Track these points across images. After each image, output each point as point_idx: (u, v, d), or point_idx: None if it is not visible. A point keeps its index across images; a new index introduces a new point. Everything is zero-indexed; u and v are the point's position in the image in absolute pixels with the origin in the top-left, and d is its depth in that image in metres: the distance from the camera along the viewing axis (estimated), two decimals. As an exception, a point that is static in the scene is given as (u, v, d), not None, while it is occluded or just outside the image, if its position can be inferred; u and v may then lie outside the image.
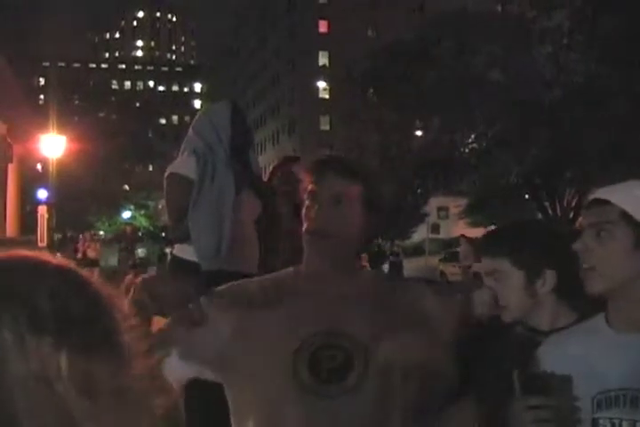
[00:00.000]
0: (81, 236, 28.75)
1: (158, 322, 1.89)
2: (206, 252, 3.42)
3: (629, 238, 1.60)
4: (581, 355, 1.65)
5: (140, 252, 34.29)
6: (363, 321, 1.79)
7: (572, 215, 28.11)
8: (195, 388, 3.10)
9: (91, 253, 23.86)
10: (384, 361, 1.72)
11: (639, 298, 1.62)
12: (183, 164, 3.56)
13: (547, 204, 28.06)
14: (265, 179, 4.23)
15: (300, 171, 4.20)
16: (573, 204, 28.24)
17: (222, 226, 3.51)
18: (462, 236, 25.09)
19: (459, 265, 23.66)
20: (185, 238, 3.36)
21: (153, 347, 1.75)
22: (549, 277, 1.95)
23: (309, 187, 1.88)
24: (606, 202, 1.63)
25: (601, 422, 1.60)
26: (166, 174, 3.58)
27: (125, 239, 44.24)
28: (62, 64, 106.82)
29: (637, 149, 21.41)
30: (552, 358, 1.70)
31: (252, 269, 3.50)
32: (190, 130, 3.78)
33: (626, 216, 1.60)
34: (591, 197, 1.69)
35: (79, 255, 24.46)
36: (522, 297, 1.96)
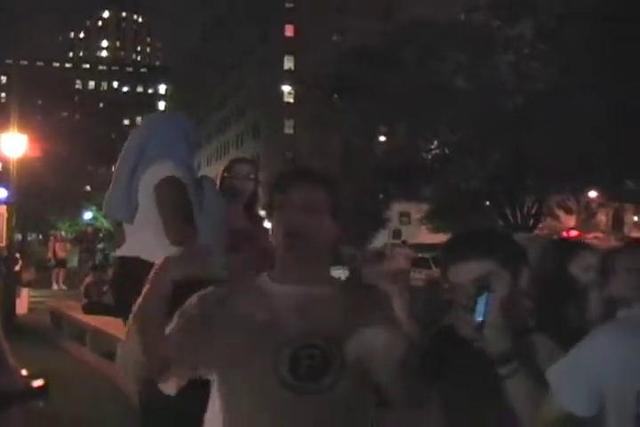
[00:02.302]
0: (52, 237, 28.48)
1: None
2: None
3: None
4: (633, 348, 1.65)
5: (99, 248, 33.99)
6: (338, 322, 1.86)
7: (531, 222, 28.47)
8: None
9: (61, 254, 23.67)
10: (359, 361, 1.76)
11: None
12: (174, 169, 3.40)
13: (507, 211, 28.35)
14: (218, 178, 4.22)
15: (254, 172, 4.26)
16: (533, 211, 28.60)
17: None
18: (403, 242, 25.38)
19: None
20: (189, 242, 3.21)
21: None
22: (525, 274, 2.01)
23: (279, 196, 1.94)
24: None
25: None
26: (163, 176, 3.36)
27: (86, 240, 43.79)
28: (25, 62, 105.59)
29: (601, 158, 21.71)
30: (611, 343, 1.68)
31: None
32: (155, 132, 3.59)
33: None
34: None
35: (49, 255, 24.31)
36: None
